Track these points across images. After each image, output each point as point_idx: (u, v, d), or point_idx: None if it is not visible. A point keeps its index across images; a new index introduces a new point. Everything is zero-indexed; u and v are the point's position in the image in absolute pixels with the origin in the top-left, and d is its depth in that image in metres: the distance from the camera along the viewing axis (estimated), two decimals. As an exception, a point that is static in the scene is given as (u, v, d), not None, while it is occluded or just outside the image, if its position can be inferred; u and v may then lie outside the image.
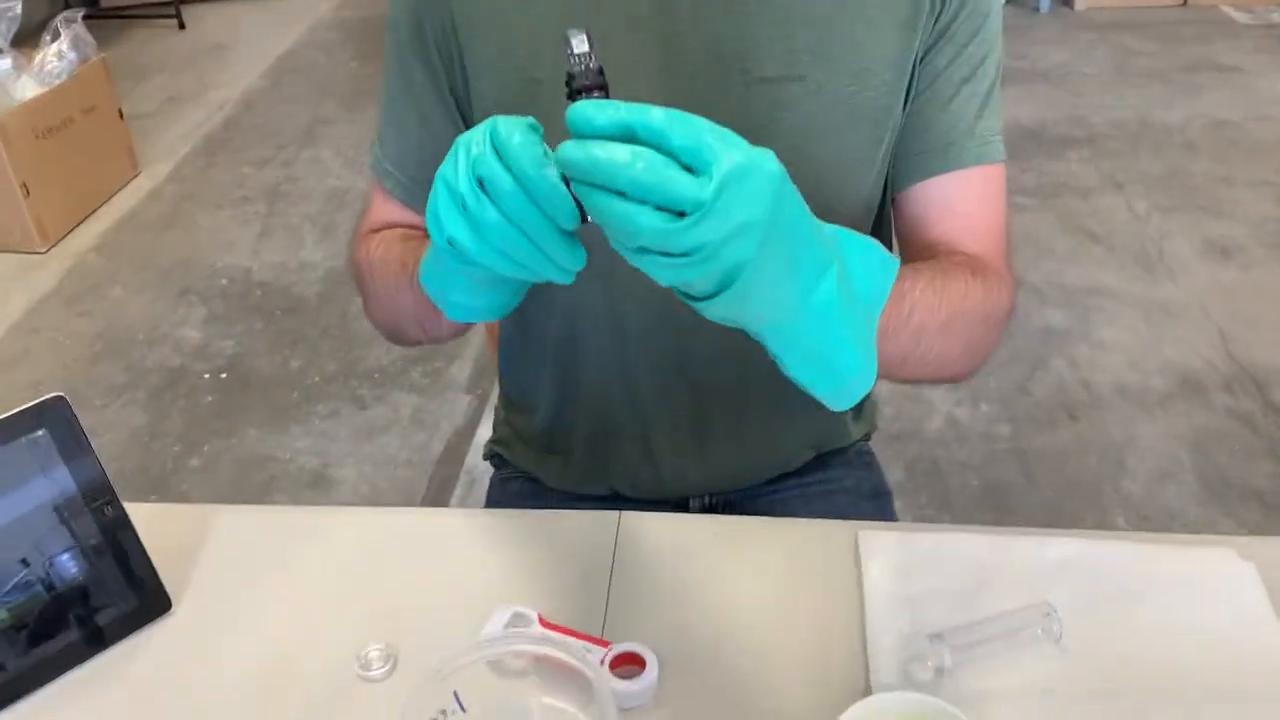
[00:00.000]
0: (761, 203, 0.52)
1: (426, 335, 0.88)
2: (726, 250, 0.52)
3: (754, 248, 0.53)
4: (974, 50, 0.84)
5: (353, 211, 3.17)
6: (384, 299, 0.88)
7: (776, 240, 0.54)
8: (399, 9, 0.88)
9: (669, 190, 0.51)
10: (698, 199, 0.51)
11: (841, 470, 1.10)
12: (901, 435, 2.20)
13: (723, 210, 0.51)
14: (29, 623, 0.78)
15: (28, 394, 2.43)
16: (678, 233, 0.51)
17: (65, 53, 3.03)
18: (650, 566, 0.85)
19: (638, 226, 0.52)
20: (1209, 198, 3.03)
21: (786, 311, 0.59)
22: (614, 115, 0.52)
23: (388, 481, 2.16)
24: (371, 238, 0.92)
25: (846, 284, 0.62)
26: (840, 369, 0.64)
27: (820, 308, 0.59)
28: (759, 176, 0.52)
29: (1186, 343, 2.44)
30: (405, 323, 0.87)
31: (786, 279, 0.57)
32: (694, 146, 0.51)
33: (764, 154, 0.53)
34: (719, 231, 0.51)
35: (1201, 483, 2.05)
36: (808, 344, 0.61)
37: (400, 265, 0.84)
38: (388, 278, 0.86)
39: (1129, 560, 0.83)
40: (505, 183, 0.56)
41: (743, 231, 0.52)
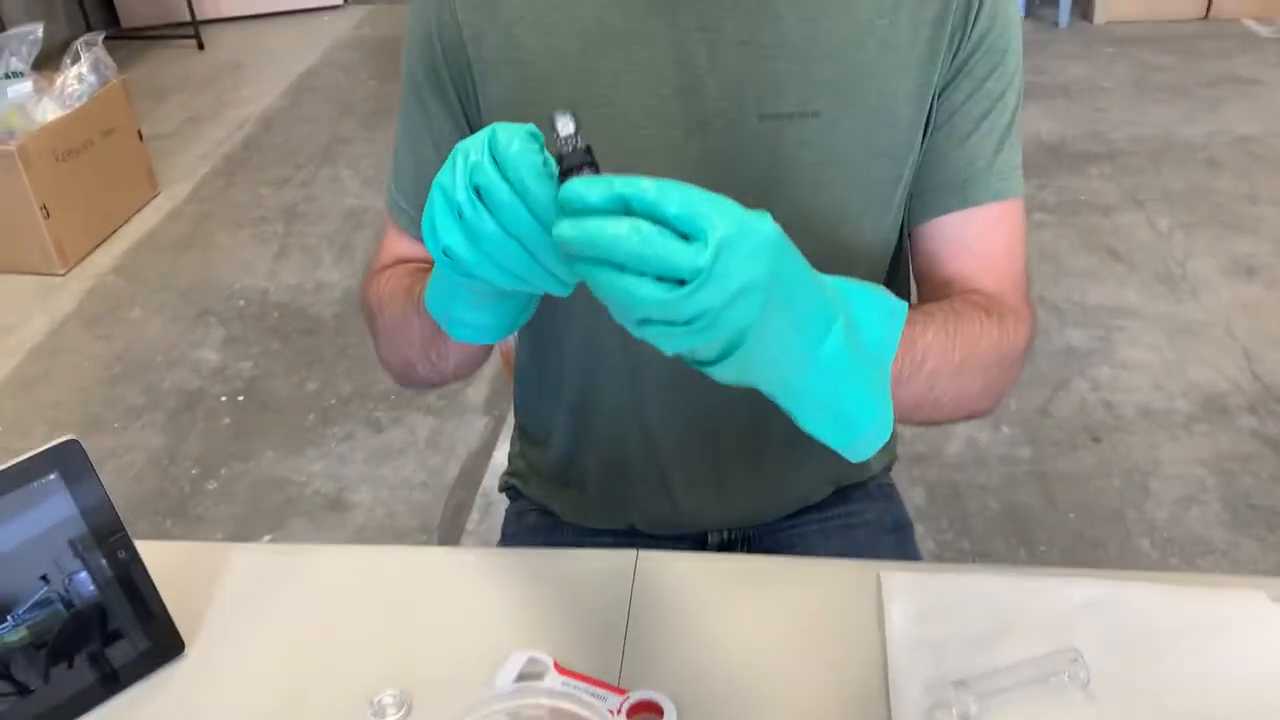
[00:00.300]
0: (760, 264, 0.52)
1: (434, 369, 0.87)
2: (729, 315, 0.52)
3: (756, 310, 0.52)
4: (993, 85, 0.83)
5: (370, 231, 3.18)
6: (392, 331, 0.87)
7: (779, 300, 0.54)
8: (415, 46, 0.88)
9: (667, 260, 0.50)
10: (695, 266, 0.50)
11: (862, 504, 1.09)
12: (922, 458, 2.18)
13: (722, 275, 0.51)
14: (48, 640, 0.77)
15: (47, 415, 2.45)
16: (679, 301, 0.51)
17: (86, 75, 3.05)
18: (668, 608, 0.84)
19: (639, 298, 0.51)
20: (1232, 215, 3.00)
21: (795, 368, 0.58)
22: (606, 191, 0.52)
23: (403, 505, 2.15)
24: (381, 274, 0.92)
25: (854, 335, 0.61)
26: (854, 421, 0.63)
27: (828, 362, 0.59)
28: (755, 238, 0.52)
29: (1210, 363, 2.41)
30: (413, 356, 0.86)
31: (792, 337, 0.56)
32: (688, 214, 0.51)
33: (760, 216, 0.53)
34: (720, 297, 0.51)
35: (1226, 506, 2.03)
36: (819, 399, 0.61)
37: (407, 294, 0.83)
38: (395, 309, 0.85)
39: (1156, 603, 0.81)
40: (503, 193, 0.56)
41: (744, 294, 0.52)
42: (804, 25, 0.80)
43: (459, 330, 0.71)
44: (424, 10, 0.86)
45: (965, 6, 0.80)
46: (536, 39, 0.82)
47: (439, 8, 0.84)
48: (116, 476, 2.24)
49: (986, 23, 0.81)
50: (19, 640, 0.76)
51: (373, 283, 0.92)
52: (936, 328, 0.73)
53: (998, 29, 0.82)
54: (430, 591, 0.88)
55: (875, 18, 0.80)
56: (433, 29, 0.85)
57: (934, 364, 0.72)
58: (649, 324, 0.53)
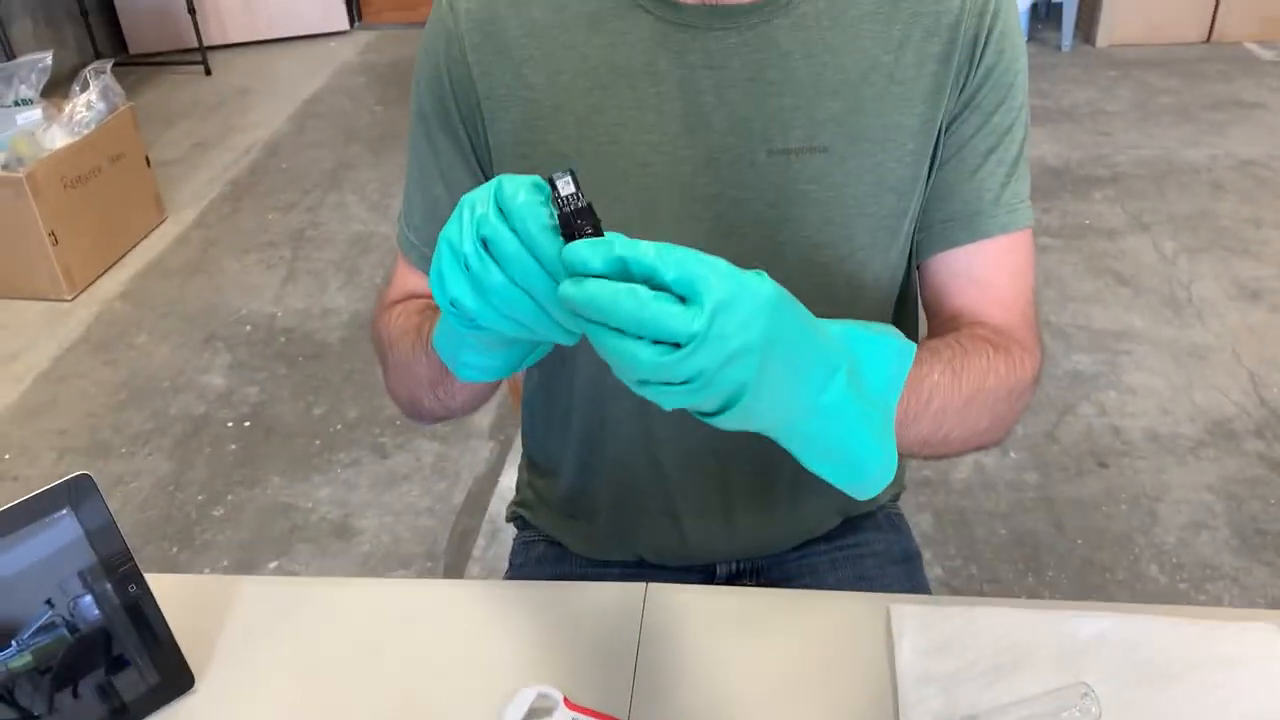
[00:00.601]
0: (755, 328, 0.53)
1: (442, 406, 0.87)
2: (724, 376, 0.53)
3: (752, 370, 0.53)
4: (1000, 119, 0.83)
5: (376, 256, 3.19)
6: (400, 369, 0.88)
7: (776, 357, 0.55)
8: (424, 84, 0.88)
9: (662, 324, 0.52)
10: (690, 331, 0.51)
11: (870, 534, 1.08)
12: (929, 484, 2.18)
13: (716, 339, 0.52)
14: (52, 666, 0.77)
15: (54, 441, 2.45)
16: (673, 364, 0.52)
17: (94, 103, 3.07)
18: (677, 641, 0.84)
19: (635, 361, 0.52)
20: (1236, 238, 3.01)
21: (798, 415, 0.59)
22: (607, 255, 0.53)
23: (409, 531, 2.15)
24: (392, 309, 0.92)
25: (858, 380, 0.61)
26: (859, 463, 0.63)
27: (832, 408, 0.59)
28: (750, 301, 0.53)
29: (1217, 387, 2.41)
30: (420, 392, 0.87)
31: (793, 388, 0.57)
32: (684, 279, 0.52)
33: (757, 277, 0.54)
34: (714, 360, 0.52)
35: (1235, 532, 2.02)
36: (824, 443, 0.61)
37: (416, 333, 0.83)
38: (404, 347, 0.85)
39: (1166, 637, 0.81)
40: (510, 245, 0.56)
41: (738, 356, 0.53)
42: (810, 62, 0.80)
43: (466, 372, 0.71)
44: (433, 49, 0.86)
45: (971, 42, 0.81)
46: (545, 77, 0.83)
47: (449, 46, 0.85)
48: (123, 502, 2.24)
49: (993, 58, 0.82)
50: (23, 665, 0.76)
51: (384, 317, 0.92)
52: (943, 366, 0.73)
53: (1004, 63, 0.82)
54: (439, 625, 0.88)
55: (881, 54, 0.81)
56: (442, 67, 0.86)
57: (941, 402, 0.72)
58: (647, 384, 0.54)
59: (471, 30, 0.84)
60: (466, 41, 0.84)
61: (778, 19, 0.80)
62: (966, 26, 0.81)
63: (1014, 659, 0.80)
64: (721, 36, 0.80)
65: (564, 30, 0.83)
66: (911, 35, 0.81)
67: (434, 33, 0.87)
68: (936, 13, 0.81)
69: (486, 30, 0.84)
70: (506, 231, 0.56)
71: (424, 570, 2.06)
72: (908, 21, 0.81)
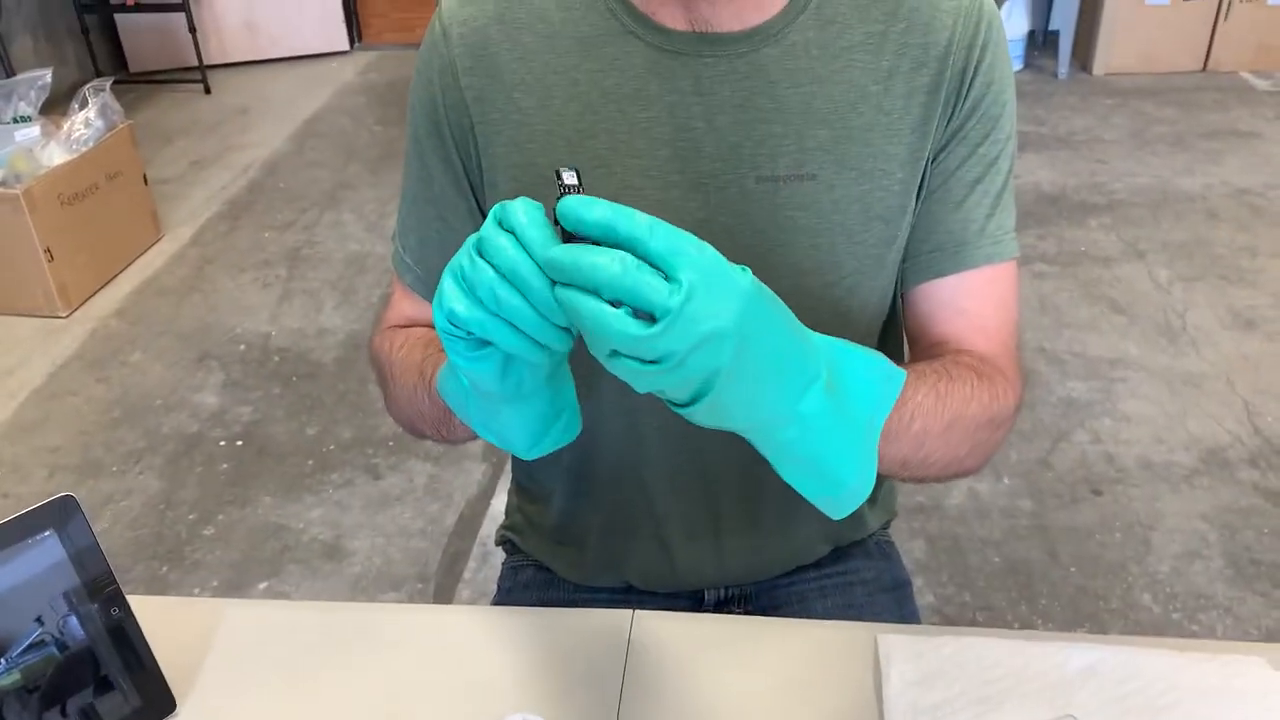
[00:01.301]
0: (729, 314, 0.53)
1: (444, 438, 0.87)
2: (695, 359, 0.53)
3: (724, 357, 0.54)
4: (986, 151, 0.84)
5: (373, 276, 3.19)
6: (403, 403, 0.88)
7: (752, 351, 0.55)
8: (418, 107, 0.89)
9: (640, 292, 0.52)
10: (666, 305, 0.52)
11: (860, 561, 1.08)
12: (922, 510, 2.17)
13: (689, 319, 0.52)
14: (41, 684, 0.77)
15: (46, 459, 2.44)
16: (647, 339, 0.52)
17: (93, 121, 3.08)
18: (664, 669, 0.83)
19: (610, 330, 0.53)
20: (1232, 267, 3.02)
21: (773, 420, 0.59)
22: (601, 213, 0.53)
23: (400, 553, 2.14)
24: (395, 334, 0.92)
25: (839, 395, 0.61)
26: (834, 478, 0.63)
27: (809, 418, 0.59)
28: (727, 287, 0.53)
29: (1212, 416, 2.41)
30: (423, 425, 0.87)
31: (768, 388, 0.57)
32: (669, 254, 0.52)
33: (739, 269, 0.55)
34: (686, 340, 0.52)
35: (1229, 562, 2.01)
36: (799, 452, 0.61)
37: (418, 372, 0.83)
38: (407, 382, 0.85)
39: (1156, 670, 0.81)
40: (500, 238, 0.57)
41: (710, 340, 0.53)
42: (798, 90, 0.81)
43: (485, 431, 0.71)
44: (428, 74, 0.87)
45: (960, 75, 0.81)
46: (536, 101, 0.83)
47: (442, 73, 0.85)
48: (114, 521, 2.23)
49: (981, 90, 0.82)
50: (12, 683, 0.76)
51: (384, 341, 0.92)
52: (928, 389, 0.73)
53: (992, 95, 0.82)
54: (425, 650, 0.87)
55: (870, 84, 0.81)
56: (436, 91, 0.86)
57: (923, 424, 0.72)
58: (618, 357, 0.54)
59: (464, 55, 0.84)
60: (459, 66, 0.84)
61: (767, 48, 0.80)
62: (955, 59, 0.81)
63: (1003, 690, 0.79)
64: (712, 64, 0.80)
65: (555, 55, 0.83)
66: (900, 66, 0.81)
67: (427, 57, 0.87)
68: (925, 44, 0.81)
69: (479, 55, 0.84)
70: (500, 231, 0.57)
71: (414, 593, 2.05)
72: (896, 53, 0.81)
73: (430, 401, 0.80)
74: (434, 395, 0.76)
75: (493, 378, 0.63)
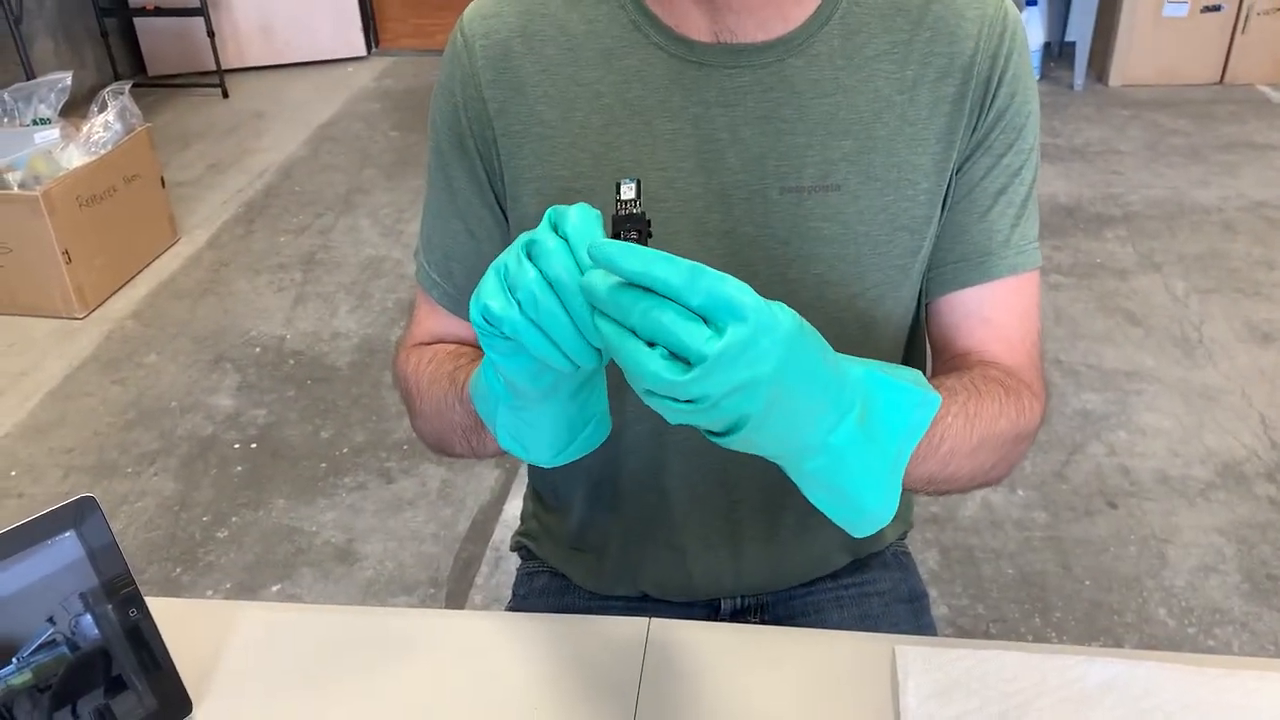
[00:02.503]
0: (768, 362, 0.53)
1: (472, 451, 0.87)
2: (728, 403, 0.53)
3: (758, 402, 0.54)
4: (1010, 161, 0.83)
5: (387, 281, 3.20)
6: (431, 417, 0.87)
7: (787, 392, 0.55)
8: (442, 122, 0.88)
9: (678, 338, 0.52)
10: (703, 352, 0.51)
11: (878, 572, 1.08)
12: (936, 521, 2.16)
13: (727, 367, 0.52)
14: (52, 683, 0.77)
15: (61, 460, 2.45)
16: (681, 384, 0.52)
17: (112, 124, 3.09)
18: (680, 678, 0.83)
19: (646, 372, 0.52)
20: (1248, 280, 3.00)
21: (805, 450, 0.59)
22: (637, 266, 0.52)
23: (413, 557, 2.14)
24: (421, 352, 0.92)
25: (871, 424, 0.61)
26: (859, 503, 0.63)
27: (838, 449, 0.59)
28: (769, 336, 0.53)
29: (1228, 429, 2.39)
30: (453, 438, 0.86)
31: (802, 423, 0.57)
32: (710, 304, 0.52)
33: (781, 309, 0.54)
34: (721, 388, 0.52)
35: (1246, 576, 2.00)
36: (826, 480, 0.61)
37: (449, 380, 0.83)
38: (435, 394, 0.85)
39: (1173, 684, 0.80)
40: (550, 241, 0.56)
41: (745, 388, 0.53)
42: (823, 101, 0.81)
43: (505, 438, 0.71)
44: (449, 86, 0.87)
45: (985, 84, 0.81)
46: (559, 113, 0.83)
47: (465, 85, 0.85)
48: (128, 522, 2.24)
49: (1005, 100, 0.82)
50: (23, 683, 0.76)
51: (410, 358, 0.92)
52: (958, 409, 0.73)
53: (1016, 105, 0.82)
54: (440, 655, 0.87)
55: (894, 94, 0.81)
56: (459, 104, 0.86)
57: (951, 445, 0.72)
58: (652, 396, 0.54)
59: (486, 67, 0.84)
60: (482, 78, 0.84)
61: (791, 58, 0.80)
62: (980, 69, 0.81)
63: (1021, 704, 0.79)
64: (735, 75, 0.80)
65: (577, 67, 0.83)
66: (925, 76, 0.81)
67: (450, 70, 0.87)
68: (950, 54, 0.81)
69: (501, 67, 0.84)
70: (552, 235, 0.57)
71: (427, 597, 2.05)
72: (921, 62, 0.81)
73: (462, 408, 0.80)
74: (466, 402, 0.76)
75: (527, 375, 0.63)
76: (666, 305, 0.52)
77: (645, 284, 0.52)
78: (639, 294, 0.52)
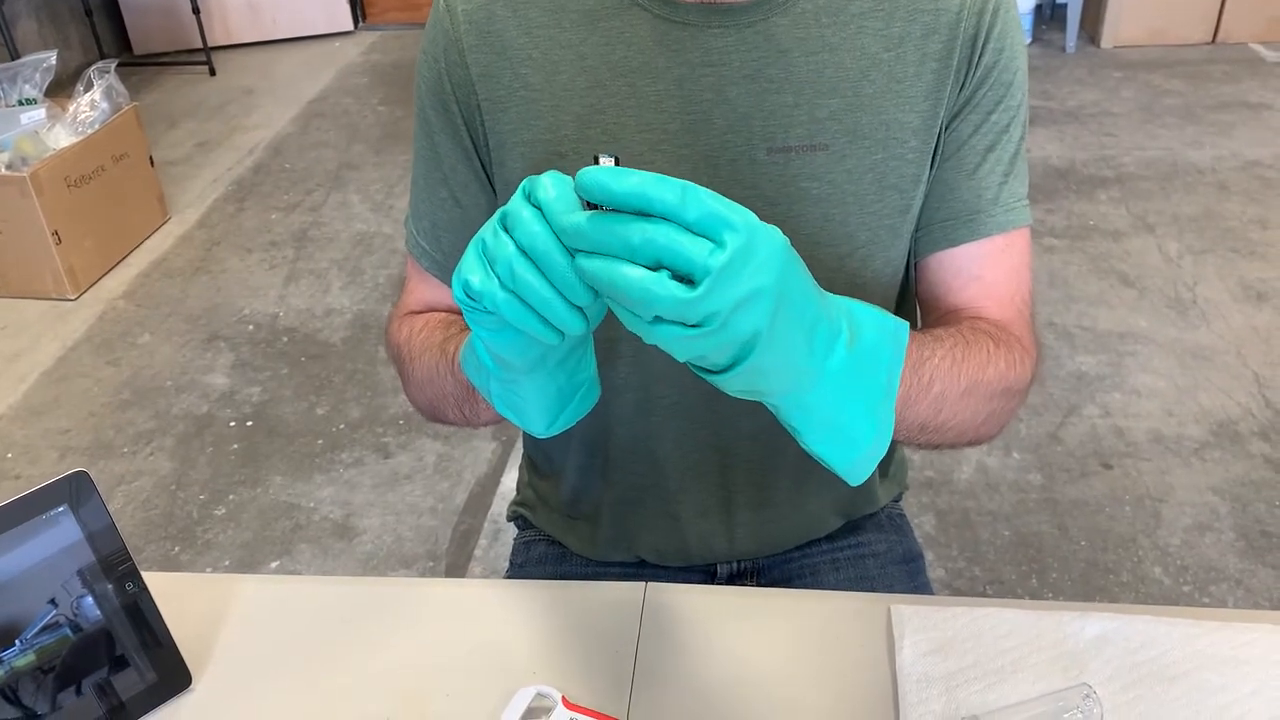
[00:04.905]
0: (770, 272, 0.53)
1: (466, 420, 0.87)
2: (737, 319, 0.53)
3: (766, 316, 0.53)
4: (998, 118, 0.83)
5: (379, 256, 3.19)
6: (424, 385, 0.87)
7: (787, 309, 0.55)
8: (426, 89, 0.88)
9: (681, 254, 0.51)
10: (707, 265, 0.51)
11: (872, 534, 1.08)
12: (931, 485, 2.17)
13: (733, 278, 0.51)
14: (55, 665, 0.77)
15: (57, 441, 2.45)
16: (692, 301, 0.51)
17: (98, 103, 3.07)
18: (677, 641, 0.84)
19: (650, 294, 0.52)
20: (1242, 239, 3.00)
21: (803, 381, 0.59)
22: (633, 184, 0.52)
23: (411, 531, 2.15)
24: (413, 320, 0.91)
25: (859, 351, 0.61)
26: (855, 439, 0.63)
27: (835, 375, 0.59)
28: (767, 247, 0.53)
29: (1222, 389, 2.40)
30: (445, 406, 0.86)
31: (801, 347, 0.57)
32: (706, 218, 0.52)
33: (772, 228, 0.54)
34: (729, 299, 0.52)
35: (1240, 534, 2.01)
36: (824, 414, 0.61)
37: (440, 350, 0.83)
38: (427, 362, 0.85)
39: (1169, 637, 0.81)
40: (525, 211, 0.56)
41: (753, 299, 0.52)
42: (809, 60, 0.80)
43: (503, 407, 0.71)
44: (433, 53, 0.86)
45: (971, 40, 0.81)
46: (543, 77, 0.83)
47: (448, 50, 0.85)
48: (125, 502, 2.24)
49: (993, 56, 0.81)
50: (27, 664, 0.76)
51: (402, 328, 0.92)
52: (945, 351, 0.73)
53: (1004, 62, 0.82)
54: (438, 624, 0.87)
55: (881, 51, 0.80)
56: (442, 70, 0.85)
57: (941, 387, 0.72)
58: (660, 324, 0.53)
59: (469, 32, 0.84)
60: (465, 43, 0.84)
61: (776, 16, 0.80)
62: (966, 25, 0.80)
63: (1016, 660, 0.79)
64: (720, 34, 0.80)
65: (561, 30, 0.82)
66: (911, 33, 0.80)
67: (433, 36, 0.86)
68: (936, 10, 0.80)
69: (484, 31, 0.83)
70: (526, 205, 0.56)
71: (426, 570, 2.06)
72: (907, 19, 0.80)
73: (454, 379, 0.80)
74: (457, 372, 0.76)
75: (513, 349, 0.63)
76: (664, 224, 0.51)
77: (639, 205, 0.52)
78: (631, 219, 0.52)
